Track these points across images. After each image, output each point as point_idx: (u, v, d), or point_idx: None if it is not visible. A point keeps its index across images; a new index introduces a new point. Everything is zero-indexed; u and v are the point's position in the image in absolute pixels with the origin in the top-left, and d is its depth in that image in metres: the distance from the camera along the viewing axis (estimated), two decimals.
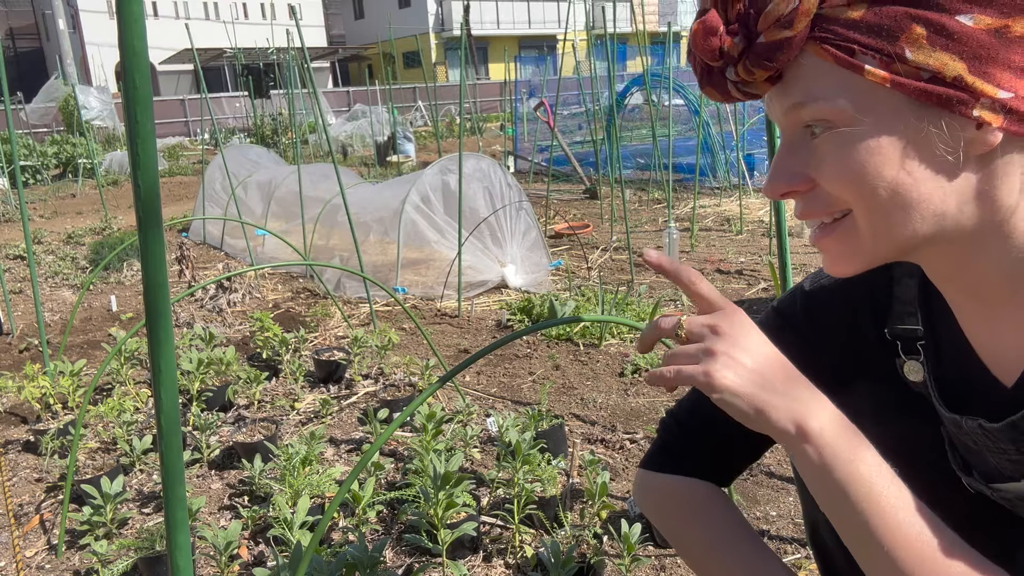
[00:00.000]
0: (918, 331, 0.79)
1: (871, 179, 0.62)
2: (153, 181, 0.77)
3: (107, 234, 8.27)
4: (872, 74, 0.59)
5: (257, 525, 2.43)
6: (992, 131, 0.59)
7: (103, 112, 17.75)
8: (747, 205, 7.57)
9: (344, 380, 3.72)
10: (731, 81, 0.66)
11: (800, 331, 0.90)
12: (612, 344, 4.04)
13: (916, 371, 0.79)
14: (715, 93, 0.68)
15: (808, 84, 0.62)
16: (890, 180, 0.62)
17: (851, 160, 0.63)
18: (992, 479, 0.72)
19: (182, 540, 0.90)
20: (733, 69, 0.65)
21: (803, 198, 0.68)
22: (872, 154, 0.61)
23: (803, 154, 0.66)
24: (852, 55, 0.59)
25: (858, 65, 0.59)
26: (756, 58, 0.62)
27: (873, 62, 0.59)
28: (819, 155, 0.65)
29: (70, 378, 3.30)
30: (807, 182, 0.67)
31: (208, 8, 34.01)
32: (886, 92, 0.60)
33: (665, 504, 0.97)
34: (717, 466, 0.96)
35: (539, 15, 38.92)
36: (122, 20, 0.73)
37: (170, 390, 0.84)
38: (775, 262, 4.51)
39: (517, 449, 2.23)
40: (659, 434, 1.03)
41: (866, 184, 0.63)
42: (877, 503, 0.65)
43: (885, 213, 0.64)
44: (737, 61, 0.64)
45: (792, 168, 0.67)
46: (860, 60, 0.59)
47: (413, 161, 13.82)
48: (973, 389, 0.73)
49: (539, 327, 1.52)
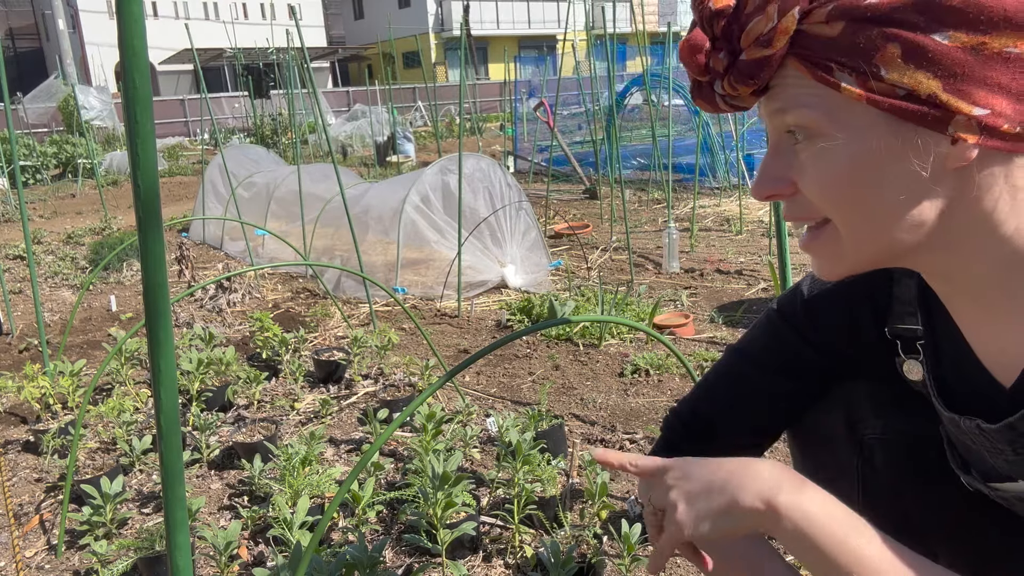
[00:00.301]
0: (918, 331, 0.79)
1: (846, 190, 0.64)
2: (153, 181, 0.77)
3: (107, 234, 8.27)
4: (848, 91, 0.60)
5: (257, 525, 2.43)
6: (968, 147, 0.59)
7: (103, 112, 17.76)
8: (747, 205, 7.57)
9: (344, 380, 3.72)
10: (719, 95, 0.69)
11: (800, 330, 0.90)
12: (612, 344, 4.04)
13: (915, 370, 0.79)
14: (705, 105, 0.72)
15: (790, 93, 0.64)
16: (865, 192, 0.64)
17: (828, 171, 0.64)
18: (990, 478, 0.72)
19: (182, 540, 0.90)
20: (720, 84, 0.68)
21: (787, 201, 0.71)
22: (848, 166, 0.63)
23: (787, 158, 0.69)
24: (830, 72, 0.61)
25: (834, 82, 0.61)
26: (739, 75, 0.65)
27: (849, 79, 0.60)
28: (800, 162, 0.67)
29: (70, 378, 3.30)
30: (790, 185, 0.69)
31: (208, 8, 34.02)
32: (862, 107, 0.61)
33: None
34: None
35: (539, 15, 38.93)
36: (122, 20, 0.73)
37: (170, 390, 0.84)
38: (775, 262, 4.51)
39: (517, 449, 2.23)
40: (662, 433, 1.03)
41: (842, 195, 0.65)
42: (853, 552, 0.65)
43: (861, 223, 0.65)
44: (723, 76, 0.67)
45: (775, 171, 0.70)
46: (837, 77, 0.60)
47: (413, 161, 13.82)
48: (972, 389, 0.74)
49: (539, 327, 1.52)
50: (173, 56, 27.60)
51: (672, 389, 3.41)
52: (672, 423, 1.02)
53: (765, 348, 0.94)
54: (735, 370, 0.97)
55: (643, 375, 3.57)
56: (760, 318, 0.98)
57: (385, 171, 12.79)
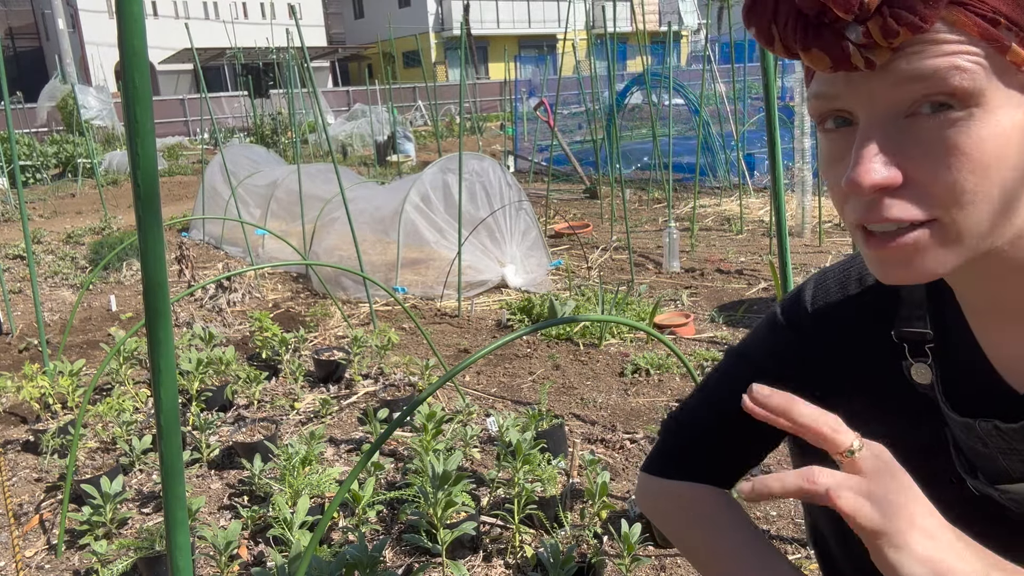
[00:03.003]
0: (927, 334, 0.78)
1: (990, 170, 0.55)
2: (153, 181, 0.77)
3: (107, 234, 8.27)
4: (1016, 53, 0.52)
5: (257, 525, 2.43)
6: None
7: (102, 112, 17.75)
8: (747, 205, 7.57)
9: (344, 380, 3.72)
10: (853, 42, 0.55)
11: (806, 333, 0.89)
12: (612, 344, 4.04)
13: (924, 374, 0.78)
14: (819, 55, 0.57)
15: (940, 50, 0.53)
16: (1009, 173, 0.55)
17: (972, 147, 0.55)
18: (998, 481, 0.72)
19: (182, 540, 0.90)
20: (859, 28, 0.54)
21: (885, 198, 0.58)
22: (994, 142, 0.54)
23: (902, 140, 0.57)
24: (998, 27, 0.52)
25: (1001, 39, 0.52)
26: (899, 12, 0.53)
27: (1017, 40, 0.52)
28: (925, 141, 0.56)
29: (69, 378, 3.30)
30: (899, 173, 0.57)
31: (208, 8, 33.99)
32: (1022, 78, 0.54)
33: (669, 508, 0.96)
34: (720, 469, 0.95)
35: (539, 15, 38.91)
36: (122, 20, 0.73)
37: (170, 390, 0.83)
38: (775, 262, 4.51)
39: (517, 449, 2.23)
40: (661, 436, 1.02)
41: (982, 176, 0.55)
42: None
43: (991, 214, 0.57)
44: (869, 17, 0.54)
45: (890, 154, 0.57)
46: (1005, 35, 0.52)
47: (413, 161, 13.82)
48: (982, 393, 0.73)
49: (539, 327, 1.52)
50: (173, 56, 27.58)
51: (672, 389, 3.41)
52: (671, 427, 1.00)
53: (767, 352, 0.93)
54: (736, 374, 0.95)
55: (643, 375, 3.57)
56: (762, 321, 0.97)
57: (385, 171, 12.79)
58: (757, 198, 8.03)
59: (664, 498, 0.96)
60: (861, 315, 0.84)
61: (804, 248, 5.90)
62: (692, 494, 0.94)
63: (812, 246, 5.97)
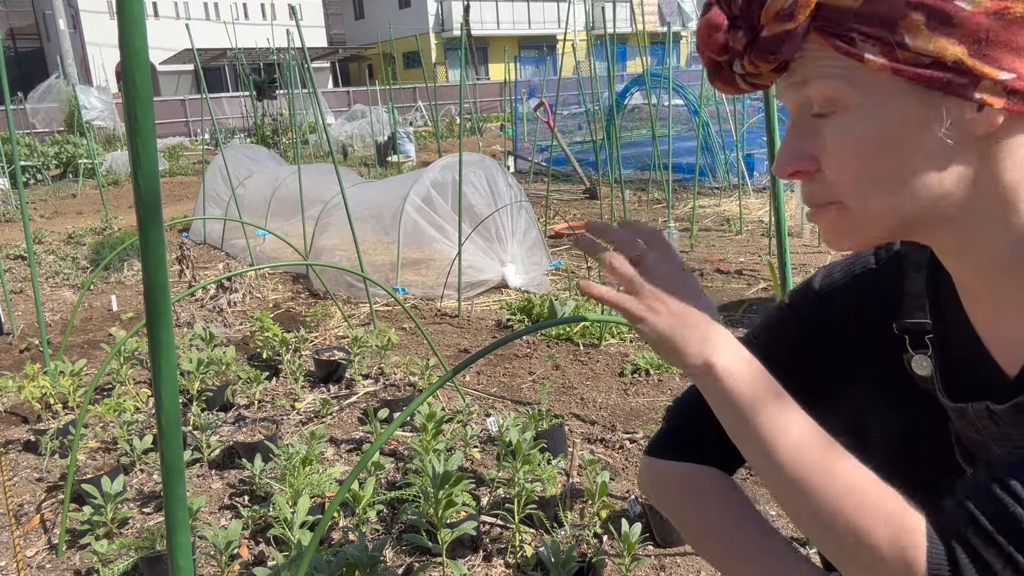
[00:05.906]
0: (927, 325, 0.79)
1: (870, 163, 0.63)
2: (153, 181, 0.77)
3: (108, 234, 8.27)
4: (872, 61, 0.60)
5: (257, 525, 2.44)
6: (994, 112, 0.59)
7: (103, 112, 17.76)
8: (747, 205, 7.57)
9: (344, 380, 3.72)
10: (738, 74, 0.67)
11: (811, 325, 0.90)
12: (612, 344, 4.04)
13: (924, 366, 0.79)
14: (724, 86, 0.70)
15: (811, 67, 0.63)
16: (889, 164, 0.63)
17: (852, 143, 0.63)
18: None
19: (183, 539, 0.90)
20: (739, 63, 0.66)
21: (807, 183, 0.69)
22: (872, 138, 0.62)
23: (809, 135, 0.67)
24: (852, 44, 0.60)
25: (857, 54, 0.60)
26: (760, 52, 0.63)
27: (873, 50, 0.59)
28: (822, 137, 0.66)
29: (70, 378, 3.31)
30: (813, 162, 0.68)
31: (208, 8, 34.00)
32: (886, 77, 0.60)
33: (672, 490, 0.96)
34: (722, 452, 0.96)
35: (539, 15, 38.90)
36: (122, 20, 0.73)
37: (170, 390, 0.84)
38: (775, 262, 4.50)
39: (517, 449, 2.24)
40: (666, 420, 1.02)
41: (865, 168, 0.64)
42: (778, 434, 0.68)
43: (883, 196, 0.64)
44: (742, 55, 0.65)
45: (797, 148, 0.68)
46: (860, 48, 0.60)
47: (413, 161, 13.82)
48: (978, 378, 0.74)
49: (539, 327, 1.53)
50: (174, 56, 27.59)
51: (672, 388, 3.41)
52: (675, 411, 1.01)
53: (772, 342, 0.93)
54: None
55: (643, 375, 3.57)
56: (769, 312, 0.98)
57: (385, 171, 12.79)
58: (756, 198, 8.03)
59: (667, 479, 0.97)
60: (866, 308, 0.85)
61: (803, 248, 5.90)
62: (694, 475, 0.95)
63: (811, 246, 5.98)
